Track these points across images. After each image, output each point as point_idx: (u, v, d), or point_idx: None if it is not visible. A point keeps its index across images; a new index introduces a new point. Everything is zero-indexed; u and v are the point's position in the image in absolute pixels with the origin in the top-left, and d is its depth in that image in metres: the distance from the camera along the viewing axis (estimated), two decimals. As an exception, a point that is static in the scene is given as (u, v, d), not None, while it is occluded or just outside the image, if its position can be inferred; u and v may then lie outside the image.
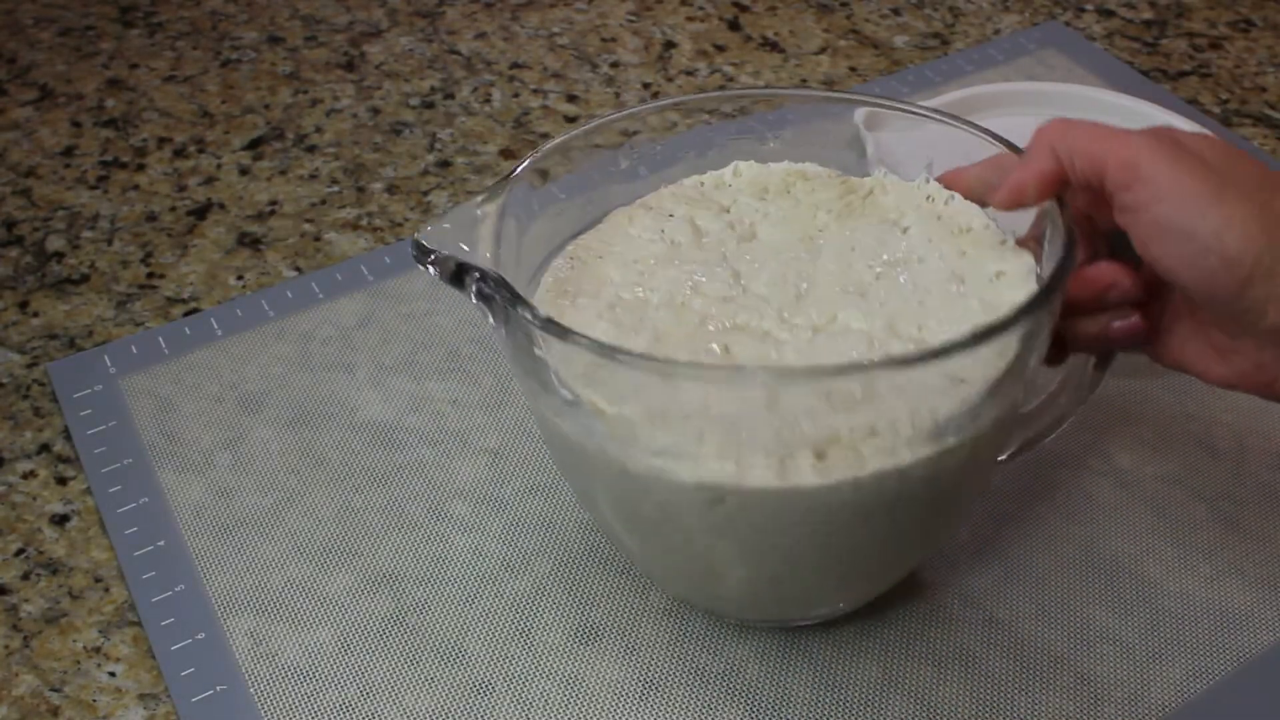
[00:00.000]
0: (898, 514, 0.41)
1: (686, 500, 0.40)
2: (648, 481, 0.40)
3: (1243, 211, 0.39)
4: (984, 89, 0.70)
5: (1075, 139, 0.42)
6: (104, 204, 0.69)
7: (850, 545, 0.43)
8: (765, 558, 0.42)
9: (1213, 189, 0.39)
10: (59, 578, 0.52)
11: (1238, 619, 0.49)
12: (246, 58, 0.80)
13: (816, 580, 0.45)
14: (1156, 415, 0.57)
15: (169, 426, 0.57)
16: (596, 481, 0.44)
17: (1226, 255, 0.39)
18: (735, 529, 0.41)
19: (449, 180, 0.71)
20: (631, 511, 0.43)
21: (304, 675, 0.48)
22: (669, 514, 0.41)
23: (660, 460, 0.40)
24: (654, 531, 0.43)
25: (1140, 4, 0.85)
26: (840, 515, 0.40)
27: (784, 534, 0.41)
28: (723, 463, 0.39)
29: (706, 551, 0.43)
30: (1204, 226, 0.39)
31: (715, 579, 0.44)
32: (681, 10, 0.84)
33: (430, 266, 0.43)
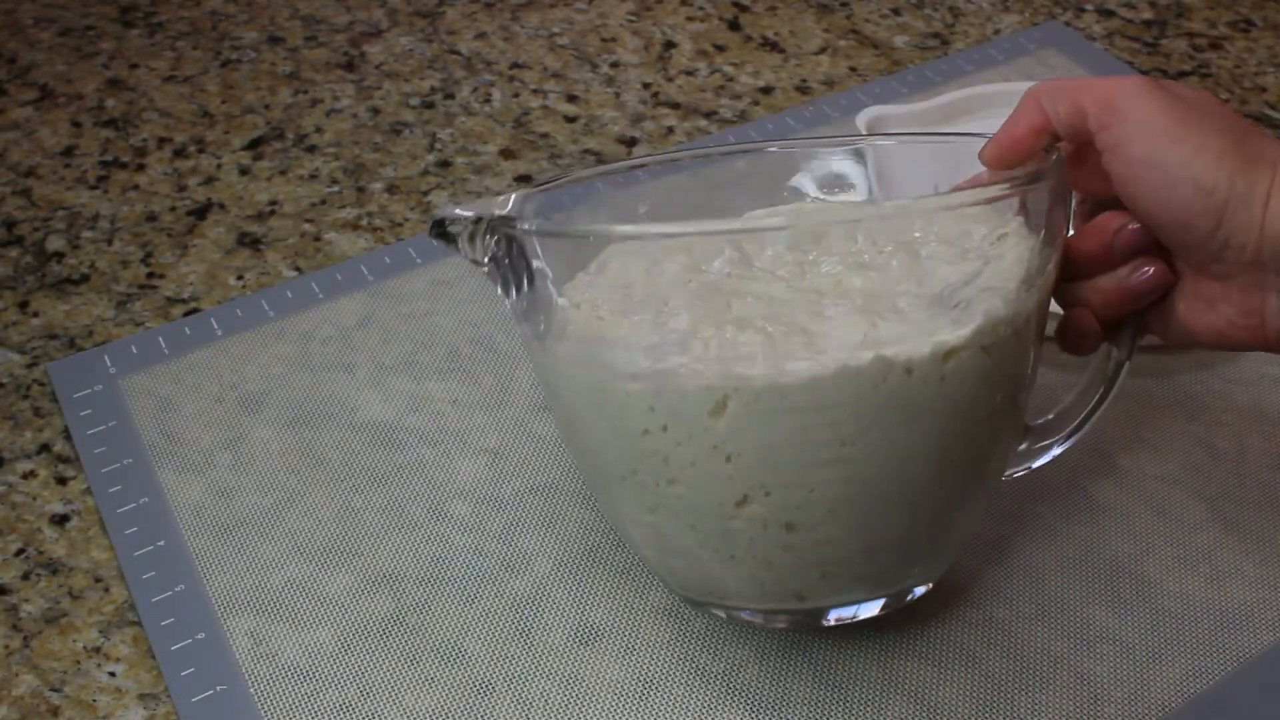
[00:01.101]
0: (915, 425, 0.40)
1: (691, 412, 0.39)
2: (651, 397, 0.40)
3: (1215, 142, 0.40)
4: (984, 89, 0.70)
5: (1059, 89, 0.43)
6: (104, 204, 0.69)
7: (865, 464, 0.40)
8: (776, 490, 0.41)
9: (1184, 121, 0.40)
10: (59, 578, 0.52)
11: (1238, 619, 0.49)
12: (246, 58, 0.80)
13: (836, 528, 0.42)
14: (1156, 415, 0.57)
15: (169, 426, 0.57)
16: (602, 423, 0.42)
17: (1200, 183, 0.39)
18: (741, 441, 0.40)
19: (449, 180, 0.71)
20: (639, 455, 0.42)
21: (304, 675, 0.48)
22: (675, 439, 0.40)
23: (662, 363, 0.40)
24: (662, 476, 0.42)
25: (1140, 4, 0.85)
26: (843, 413, 0.39)
27: (792, 446, 0.40)
28: (723, 362, 0.39)
29: (715, 490, 0.41)
30: (1176, 155, 0.40)
31: (728, 540, 0.42)
32: (681, 10, 0.84)
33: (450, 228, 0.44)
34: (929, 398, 0.40)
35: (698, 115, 0.75)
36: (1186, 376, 0.58)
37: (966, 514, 0.45)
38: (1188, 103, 0.41)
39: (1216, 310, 0.43)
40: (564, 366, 0.43)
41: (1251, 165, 0.40)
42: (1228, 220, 0.40)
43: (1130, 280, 0.43)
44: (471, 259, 0.44)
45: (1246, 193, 0.39)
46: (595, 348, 0.42)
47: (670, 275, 0.42)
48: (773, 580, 0.43)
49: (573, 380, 0.43)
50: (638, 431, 0.41)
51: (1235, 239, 0.40)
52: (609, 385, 0.41)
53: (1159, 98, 0.41)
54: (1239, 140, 0.40)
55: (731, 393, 0.39)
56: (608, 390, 0.41)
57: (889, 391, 0.39)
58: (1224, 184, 0.39)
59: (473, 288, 0.63)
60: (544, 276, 0.42)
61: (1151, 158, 0.40)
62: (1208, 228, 0.40)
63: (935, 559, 0.46)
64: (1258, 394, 0.58)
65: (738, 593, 0.45)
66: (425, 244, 0.66)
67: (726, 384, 0.39)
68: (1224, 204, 0.40)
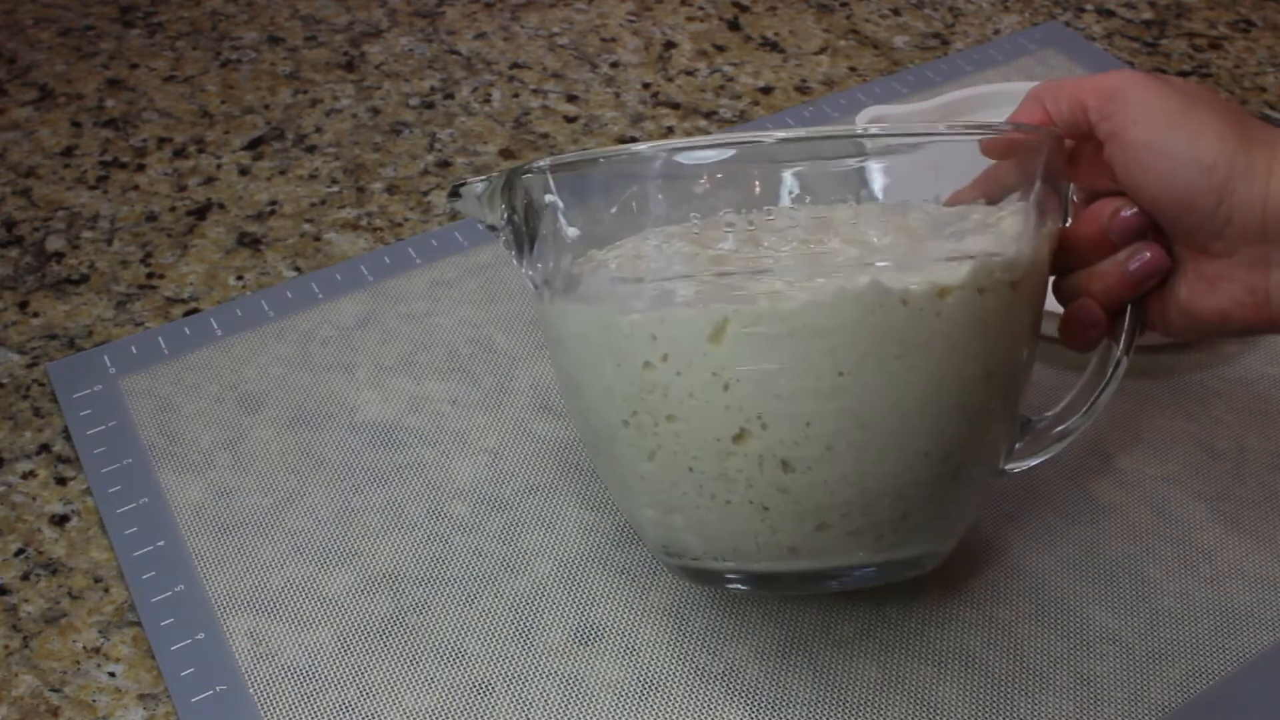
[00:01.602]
0: (911, 359, 0.40)
1: (690, 337, 0.40)
2: (654, 325, 0.41)
3: (1213, 122, 0.41)
4: (984, 89, 0.70)
5: (1059, 87, 0.45)
6: (104, 204, 0.69)
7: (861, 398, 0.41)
8: (774, 421, 0.41)
9: (1183, 105, 0.42)
10: (59, 578, 0.52)
11: (1238, 619, 0.49)
12: (246, 58, 0.80)
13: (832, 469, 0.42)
14: (1156, 415, 0.57)
15: (169, 426, 0.57)
16: (606, 364, 0.43)
17: (1201, 162, 0.41)
18: (740, 366, 0.40)
19: (449, 180, 0.71)
20: (640, 392, 0.42)
21: (304, 675, 0.48)
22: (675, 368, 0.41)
23: (664, 291, 0.41)
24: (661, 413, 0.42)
25: (1140, 4, 0.85)
26: (840, 339, 0.40)
27: (790, 374, 0.40)
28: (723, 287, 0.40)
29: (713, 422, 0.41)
30: (1177, 136, 0.41)
31: (726, 483, 0.42)
32: (681, 10, 0.84)
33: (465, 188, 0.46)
34: (925, 332, 0.40)
35: (697, 115, 0.75)
36: (1186, 376, 0.58)
37: (964, 485, 0.45)
38: (1184, 90, 0.43)
39: (1220, 290, 0.43)
40: (571, 313, 0.44)
41: (1250, 143, 0.41)
42: (1230, 196, 0.41)
43: (1129, 264, 0.44)
44: (488, 224, 0.46)
45: (1247, 169, 0.41)
46: (602, 283, 0.43)
47: (679, 249, 0.42)
48: (767, 531, 0.43)
49: (579, 325, 0.44)
50: (639, 364, 0.42)
51: (1239, 214, 0.41)
52: (613, 321, 0.42)
53: (1157, 86, 0.42)
54: (1235, 121, 0.42)
55: (731, 315, 0.40)
56: (612, 325, 0.42)
57: (886, 320, 0.40)
58: (1225, 161, 0.41)
59: (472, 288, 0.63)
60: (555, 210, 0.43)
61: (1153, 141, 0.42)
62: (1210, 205, 0.41)
63: (933, 531, 0.46)
64: (1258, 394, 0.58)
65: (733, 549, 0.44)
66: (425, 244, 0.66)
67: (726, 308, 0.40)
68: (1226, 181, 0.41)
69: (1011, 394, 0.45)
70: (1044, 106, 0.45)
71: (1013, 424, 0.47)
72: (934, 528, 0.45)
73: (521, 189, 0.44)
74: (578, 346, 0.44)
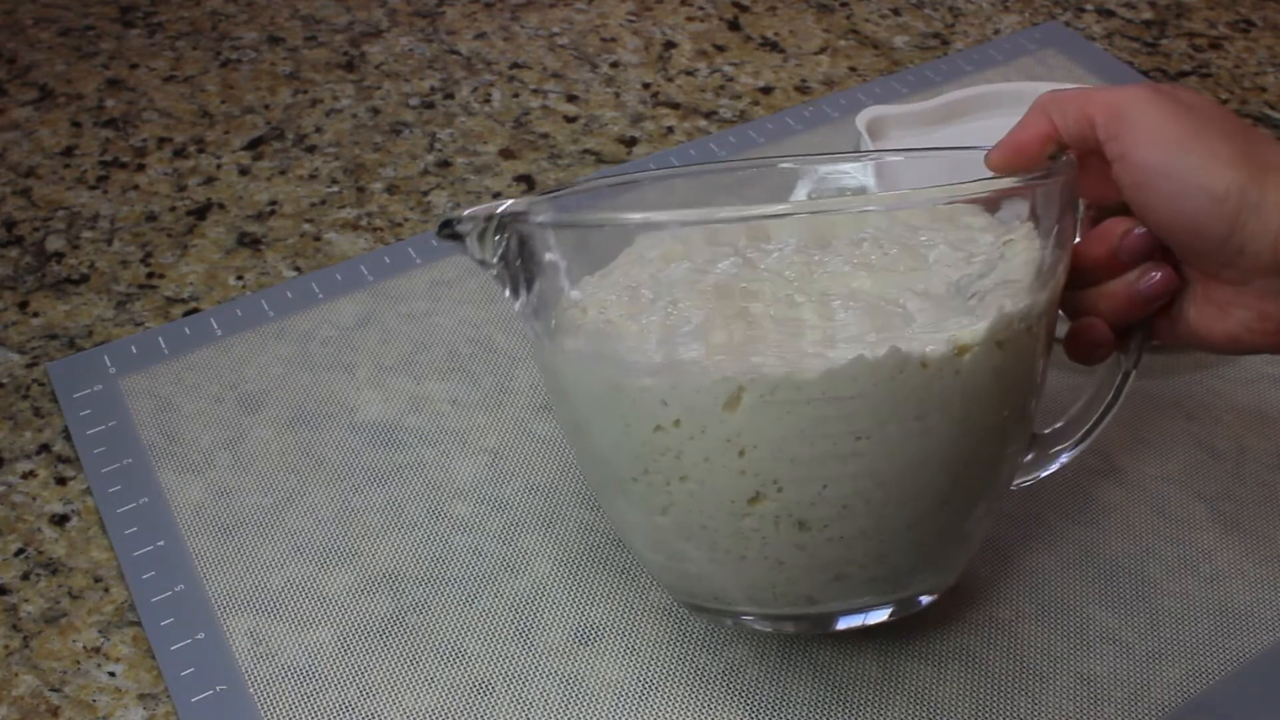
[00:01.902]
0: (929, 419, 0.40)
1: (705, 405, 0.39)
2: (665, 391, 0.40)
3: (1223, 149, 0.40)
4: (984, 89, 0.70)
5: (1067, 99, 0.43)
6: (104, 204, 0.69)
7: (878, 460, 0.40)
8: (789, 485, 0.40)
9: (1193, 129, 0.40)
10: (59, 578, 0.52)
11: (1238, 619, 0.49)
12: (246, 58, 0.80)
13: (848, 526, 0.42)
14: (1156, 415, 0.57)
15: (169, 426, 0.57)
16: (613, 422, 0.42)
17: (1213, 191, 0.40)
18: (755, 434, 0.40)
19: (449, 180, 0.71)
20: (651, 453, 0.41)
21: (304, 675, 0.48)
22: (689, 433, 0.40)
23: (676, 357, 0.40)
24: (674, 474, 0.41)
25: (1140, 4, 0.85)
26: (858, 405, 0.39)
27: (806, 440, 0.39)
28: (738, 354, 0.39)
29: (728, 486, 0.41)
30: (1187, 164, 0.40)
31: (740, 540, 0.42)
32: (681, 10, 0.84)
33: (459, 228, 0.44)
34: (944, 392, 0.40)
35: (697, 115, 0.75)
36: (1186, 376, 0.58)
37: (978, 520, 0.45)
38: (1193, 109, 0.41)
39: (1231, 315, 0.43)
40: (574, 367, 0.43)
41: (1261, 172, 0.40)
42: (1242, 228, 0.40)
43: (1138, 285, 0.43)
44: (479, 259, 0.44)
45: (1259, 201, 0.40)
46: (606, 344, 0.42)
47: (677, 277, 0.42)
48: (784, 582, 0.43)
49: (583, 380, 0.42)
50: (650, 428, 0.41)
51: (1250, 246, 0.40)
52: (621, 382, 0.41)
53: (1166, 105, 0.41)
54: (1246, 147, 0.40)
55: (747, 384, 0.39)
56: (620, 387, 0.41)
57: (905, 384, 0.39)
58: (1236, 192, 0.40)
59: (472, 288, 0.63)
60: (555, 269, 0.42)
61: (1162, 166, 0.40)
62: (1221, 234, 0.40)
63: (947, 566, 0.46)
64: (1258, 394, 0.58)
65: (748, 598, 0.44)
66: (425, 244, 0.66)
67: (741, 376, 0.39)
68: (1237, 211, 0.40)
69: (1025, 422, 0.45)
70: (1050, 119, 0.44)
71: (1026, 446, 0.47)
72: (949, 563, 0.46)
73: (517, 235, 0.43)
74: (582, 401, 0.43)
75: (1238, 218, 0.40)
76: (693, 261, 0.43)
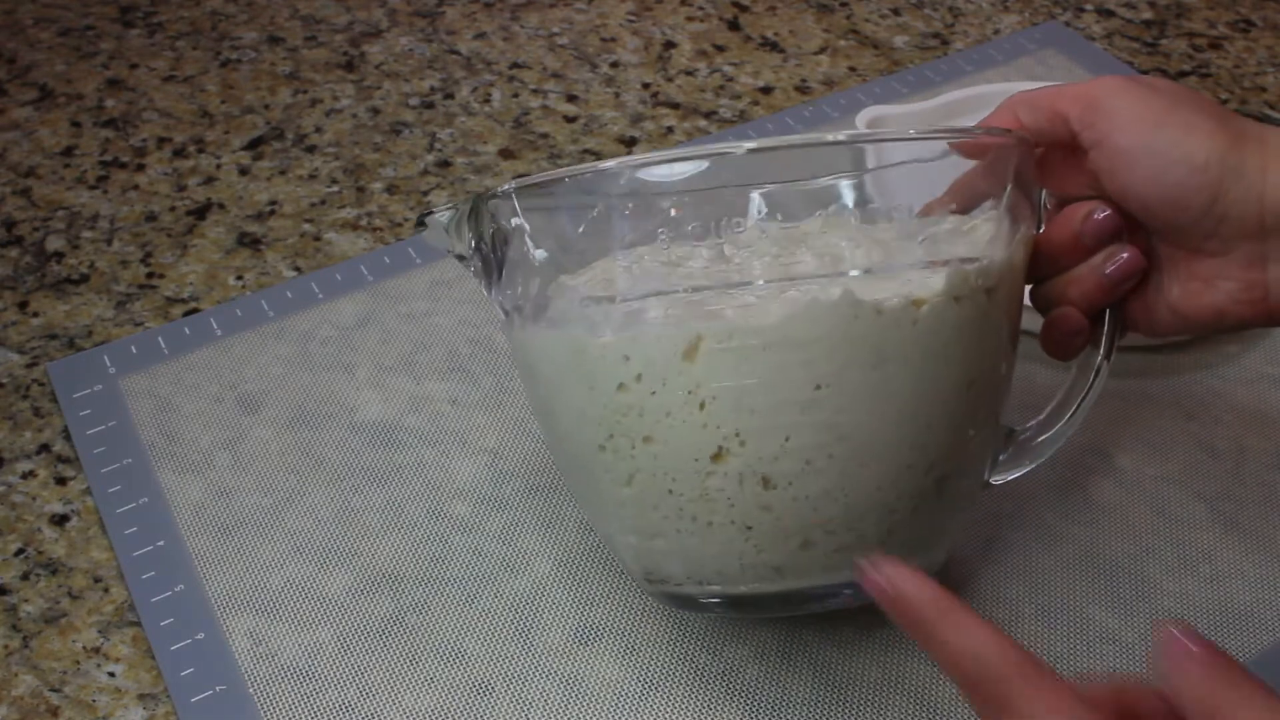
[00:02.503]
0: (888, 369, 0.40)
1: (664, 356, 0.40)
2: (626, 345, 0.40)
3: (1200, 121, 0.41)
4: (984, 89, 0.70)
5: (1037, 96, 0.44)
6: (104, 204, 0.69)
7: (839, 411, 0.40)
8: (751, 438, 0.40)
9: (1167, 106, 0.41)
10: (59, 578, 0.52)
11: (1238, 619, 0.49)
12: (246, 58, 0.80)
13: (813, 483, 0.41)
14: (1156, 415, 0.57)
15: (169, 426, 0.57)
16: (579, 388, 0.42)
17: (1193, 161, 0.41)
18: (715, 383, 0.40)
19: (449, 180, 0.71)
20: (615, 414, 0.42)
21: (304, 675, 0.48)
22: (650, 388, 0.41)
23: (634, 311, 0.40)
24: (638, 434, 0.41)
25: (1140, 4, 0.85)
26: (816, 350, 0.39)
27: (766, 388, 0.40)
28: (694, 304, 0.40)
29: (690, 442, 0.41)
30: (1165, 138, 0.41)
31: (706, 504, 0.42)
32: (681, 10, 0.84)
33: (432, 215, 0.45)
34: (901, 342, 0.40)
35: (697, 115, 0.75)
36: (1186, 376, 0.58)
37: (949, 497, 0.44)
38: (1164, 91, 0.42)
39: (1216, 288, 0.43)
40: (541, 338, 0.43)
41: (1241, 140, 0.41)
42: (1225, 194, 0.41)
43: (1105, 268, 0.44)
44: (456, 253, 0.45)
45: (1239, 165, 0.41)
46: (571, 309, 0.42)
47: (648, 267, 0.42)
48: (751, 551, 0.42)
49: (549, 350, 0.43)
50: (613, 386, 0.41)
51: (1234, 211, 0.41)
52: (585, 343, 0.41)
53: (1138, 90, 0.42)
54: (1223, 119, 0.41)
55: (705, 332, 0.40)
56: (584, 349, 0.42)
57: (861, 331, 0.40)
58: (1216, 159, 0.41)
59: (472, 288, 0.63)
60: (522, 234, 0.43)
61: (1140, 143, 0.41)
62: (1204, 203, 0.41)
63: (920, 546, 0.45)
64: (1258, 394, 0.58)
65: (717, 572, 0.44)
66: (425, 244, 0.66)
67: (698, 324, 0.40)
68: (1219, 179, 0.41)
69: (993, 402, 0.45)
70: (1017, 116, 0.44)
71: (996, 434, 0.47)
72: (920, 543, 0.45)
73: (488, 214, 0.44)
74: (549, 371, 0.44)
75: (1220, 184, 0.41)
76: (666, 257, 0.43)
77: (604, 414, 0.42)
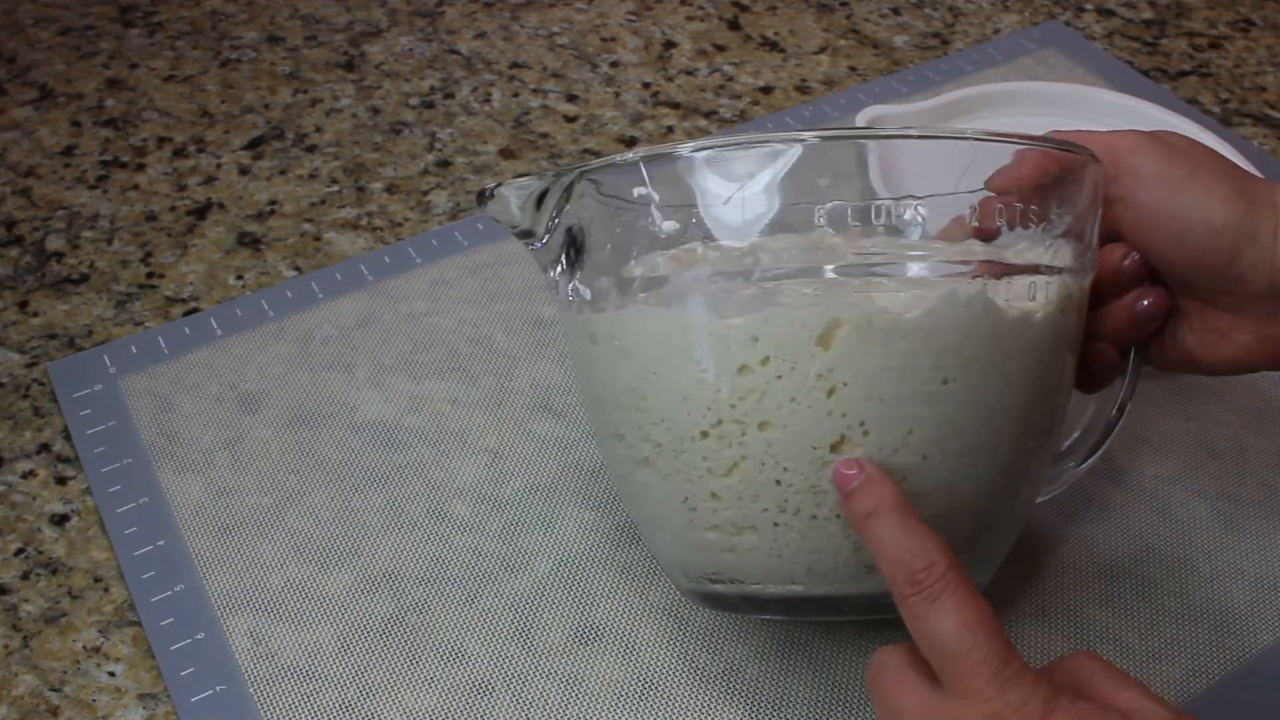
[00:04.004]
0: (1006, 368, 0.41)
1: (798, 339, 0.39)
2: (756, 326, 0.40)
3: (1219, 186, 0.43)
4: (984, 89, 0.70)
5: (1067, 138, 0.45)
6: (104, 204, 0.69)
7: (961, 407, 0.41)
8: (876, 428, 0.40)
9: (1188, 171, 0.43)
10: (59, 578, 0.52)
11: (1238, 619, 0.49)
12: (246, 58, 0.80)
13: (925, 480, 0.41)
14: (1156, 415, 0.57)
15: (169, 426, 0.57)
16: (687, 371, 0.41)
17: (1211, 226, 0.43)
18: (848, 370, 0.39)
19: (449, 180, 0.71)
20: (731, 397, 0.41)
21: (304, 675, 0.48)
22: (777, 371, 0.40)
23: (768, 290, 0.40)
24: (754, 419, 0.40)
25: (1140, 4, 0.85)
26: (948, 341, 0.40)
27: (897, 377, 0.40)
28: (834, 287, 0.39)
29: (812, 429, 0.40)
30: (1185, 201, 0.43)
31: (814, 497, 0.41)
32: (681, 10, 0.84)
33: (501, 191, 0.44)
34: (1020, 342, 0.41)
35: (697, 115, 0.75)
36: (1186, 377, 0.58)
37: (1019, 509, 0.45)
38: (1185, 153, 0.44)
39: (1231, 340, 0.45)
40: (648, 316, 0.42)
41: (1255, 206, 0.43)
42: (1239, 257, 0.43)
43: (1136, 306, 0.45)
44: (521, 228, 0.44)
45: (1254, 232, 0.43)
46: (695, 286, 0.41)
47: (789, 245, 0.41)
48: (849, 548, 0.42)
49: (658, 329, 0.42)
50: (734, 369, 0.40)
51: (1248, 273, 0.43)
52: (703, 324, 0.40)
53: (1161, 150, 0.44)
54: (1238, 183, 0.43)
55: (845, 317, 0.39)
56: (703, 328, 0.41)
57: (991, 327, 0.40)
58: (1233, 224, 0.43)
59: (472, 288, 0.63)
60: (647, 204, 0.42)
61: (1165, 206, 0.43)
62: (1220, 264, 0.43)
63: (987, 558, 0.46)
64: (1258, 394, 0.58)
65: (808, 570, 0.43)
66: (425, 244, 0.66)
67: (838, 309, 0.39)
68: (1234, 243, 0.43)
69: (1062, 414, 0.45)
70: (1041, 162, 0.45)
71: (1055, 450, 0.47)
72: (989, 555, 0.46)
73: (590, 188, 0.42)
74: (652, 352, 0.42)
75: (1235, 248, 0.43)
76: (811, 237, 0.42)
77: (716, 398, 0.41)
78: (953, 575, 0.37)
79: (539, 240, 0.45)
